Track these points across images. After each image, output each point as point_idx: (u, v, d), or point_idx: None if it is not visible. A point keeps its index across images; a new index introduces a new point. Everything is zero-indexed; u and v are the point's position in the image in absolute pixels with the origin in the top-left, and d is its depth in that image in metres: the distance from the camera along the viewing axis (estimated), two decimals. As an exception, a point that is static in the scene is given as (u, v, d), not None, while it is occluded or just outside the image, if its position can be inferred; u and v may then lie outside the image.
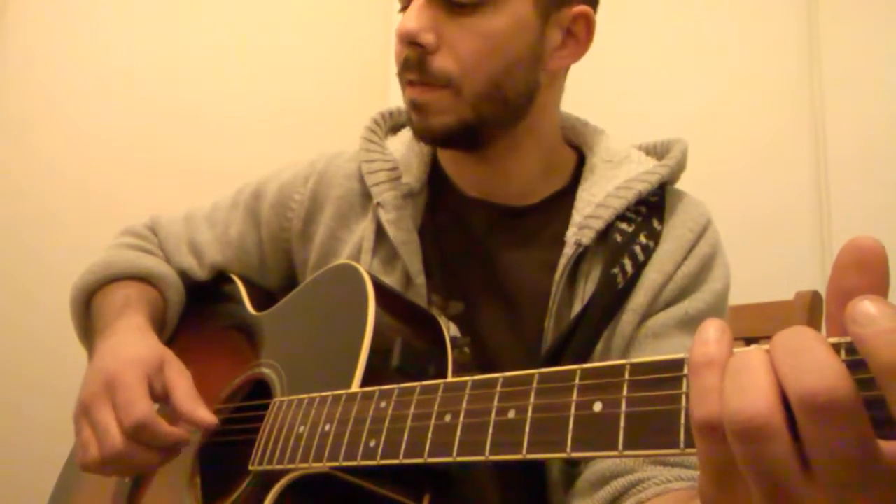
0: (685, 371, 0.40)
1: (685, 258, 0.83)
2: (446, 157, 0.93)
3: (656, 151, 0.94)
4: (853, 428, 0.33)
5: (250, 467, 0.70)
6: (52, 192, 1.73)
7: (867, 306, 0.33)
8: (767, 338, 1.16)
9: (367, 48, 2.41)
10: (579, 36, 0.85)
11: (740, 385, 0.35)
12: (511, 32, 0.79)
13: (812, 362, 0.34)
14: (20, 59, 1.73)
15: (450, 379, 0.55)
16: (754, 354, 0.36)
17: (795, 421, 0.34)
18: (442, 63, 0.79)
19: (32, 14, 1.75)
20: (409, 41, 0.78)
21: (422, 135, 0.83)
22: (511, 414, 0.47)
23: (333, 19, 2.35)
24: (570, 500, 0.77)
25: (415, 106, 0.81)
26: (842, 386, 0.33)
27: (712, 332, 0.39)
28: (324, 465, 0.61)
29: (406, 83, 0.81)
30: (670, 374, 0.41)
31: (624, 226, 0.83)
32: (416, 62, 0.79)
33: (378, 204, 0.88)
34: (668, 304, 0.82)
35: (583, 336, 0.78)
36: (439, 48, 0.78)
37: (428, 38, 0.78)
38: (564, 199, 0.88)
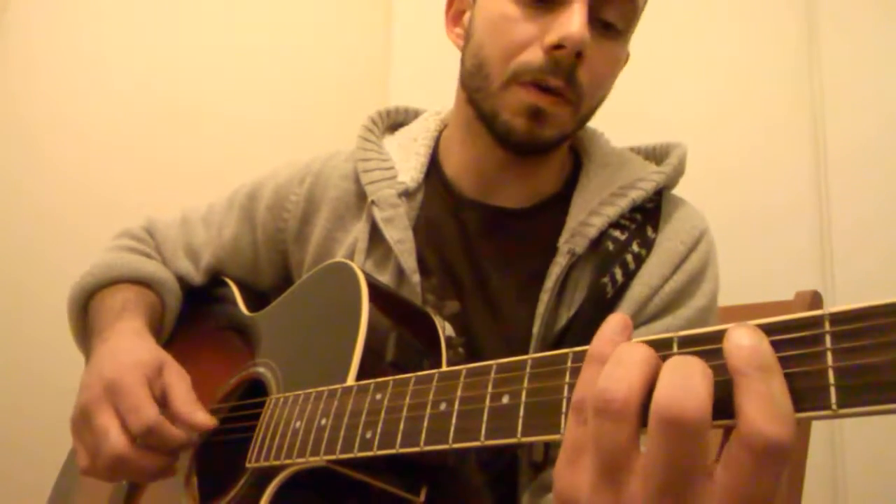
0: (674, 349, 0.42)
1: (674, 272, 0.82)
2: (451, 157, 0.93)
3: (655, 155, 0.93)
4: (698, 448, 0.38)
5: (247, 464, 0.70)
6: (51, 192, 1.73)
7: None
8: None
9: (367, 48, 2.41)
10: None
11: (614, 373, 0.41)
12: (623, 64, 0.85)
13: (692, 386, 0.38)
14: (20, 59, 1.73)
15: (445, 368, 0.55)
16: (639, 351, 0.41)
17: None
18: (583, 78, 0.78)
19: (33, 13, 1.75)
20: (578, 50, 0.76)
21: (524, 141, 0.81)
22: (505, 399, 0.48)
23: (333, 19, 2.35)
24: (524, 498, 0.78)
25: (536, 113, 0.79)
26: (696, 409, 0.37)
27: (609, 331, 0.44)
28: (320, 459, 0.61)
29: (532, 85, 0.78)
30: (659, 353, 0.42)
31: (617, 234, 0.83)
32: (568, 70, 0.77)
33: (373, 202, 0.88)
34: (651, 319, 0.81)
35: (570, 345, 0.78)
36: (582, 63, 0.78)
37: (587, 52, 0.77)
38: (559, 203, 0.88)
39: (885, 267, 1.47)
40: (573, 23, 0.75)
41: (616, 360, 0.41)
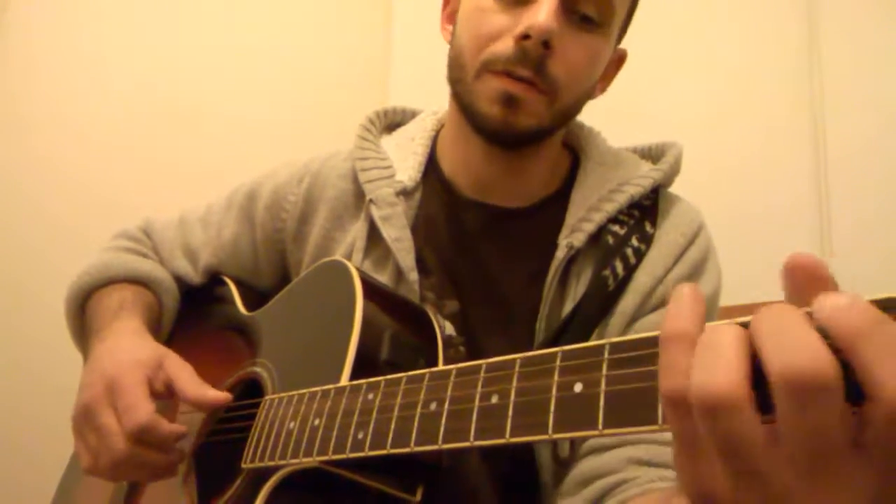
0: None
1: (676, 263, 0.83)
2: (448, 155, 0.93)
3: (651, 154, 0.94)
4: (834, 405, 0.33)
5: (243, 465, 0.70)
6: (51, 192, 1.73)
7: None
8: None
9: (367, 48, 2.42)
10: (610, 73, 0.91)
11: (708, 361, 0.36)
12: (604, 58, 0.85)
13: (800, 341, 0.34)
14: (20, 59, 1.73)
15: (436, 368, 0.55)
16: (726, 329, 0.37)
17: (764, 397, 0.35)
18: (555, 69, 0.79)
19: (32, 14, 1.75)
20: (544, 39, 0.77)
21: (499, 130, 0.82)
22: (494, 399, 0.48)
23: (333, 19, 2.35)
24: (557, 499, 0.77)
25: (508, 100, 0.79)
26: (829, 365, 0.33)
27: (685, 306, 0.39)
28: (313, 460, 0.61)
29: (504, 74, 0.79)
30: (648, 350, 0.41)
31: (616, 228, 0.84)
32: (536, 60, 0.78)
33: (371, 201, 0.88)
34: (657, 308, 0.82)
35: (572, 337, 0.78)
36: (553, 54, 0.79)
37: (556, 42, 0.78)
38: (558, 202, 0.89)
39: (885, 267, 1.46)
40: (539, 14, 0.76)
41: (704, 346, 0.36)
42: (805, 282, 0.37)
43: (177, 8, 2.00)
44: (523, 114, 0.80)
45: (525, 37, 0.77)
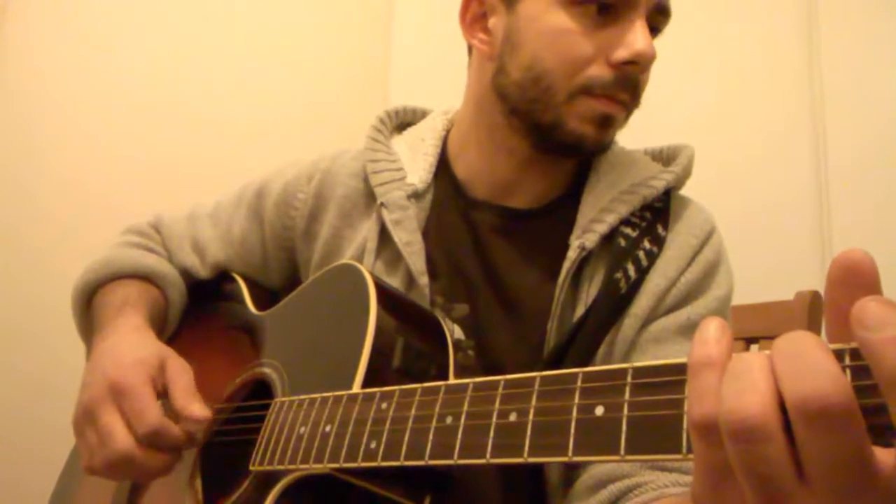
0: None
1: (689, 265, 0.83)
2: (464, 159, 0.92)
3: (662, 157, 0.94)
4: (847, 434, 0.33)
5: (251, 467, 0.70)
6: (52, 193, 1.73)
7: (875, 309, 0.33)
8: (767, 338, 1.16)
9: (367, 48, 2.41)
10: None
11: (738, 387, 0.35)
12: None
13: (808, 367, 0.33)
14: (20, 60, 1.73)
15: (451, 381, 0.55)
16: (754, 357, 0.36)
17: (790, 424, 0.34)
18: (641, 86, 0.82)
19: (32, 14, 1.75)
20: (648, 65, 0.79)
21: (592, 147, 0.83)
22: (512, 417, 0.47)
23: (333, 19, 2.35)
24: (568, 503, 0.77)
25: (606, 121, 0.80)
26: (836, 392, 0.32)
27: (712, 332, 0.38)
28: (324, 466, 0.61)
29: (603, 97, 0.79)
30: (673, 377, 0.40)
31: (628, 230, 0.83)
32: (635, 83, 0.80)
33: (382, 204, 0.88)
34: (671, 310, 0.81)
35: (584, 340, 0.78)
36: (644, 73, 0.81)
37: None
38: (569, 202, 0.88)
39: (884, 267, 1.46)
40: (640, 40, 0.77)
41: (732, 374, 0.36)
42: (847, 281, 0.36)
43: (177, 8, 1.99)
44: (613, 130, 0.82)
45: (628, 62, 0.78)
